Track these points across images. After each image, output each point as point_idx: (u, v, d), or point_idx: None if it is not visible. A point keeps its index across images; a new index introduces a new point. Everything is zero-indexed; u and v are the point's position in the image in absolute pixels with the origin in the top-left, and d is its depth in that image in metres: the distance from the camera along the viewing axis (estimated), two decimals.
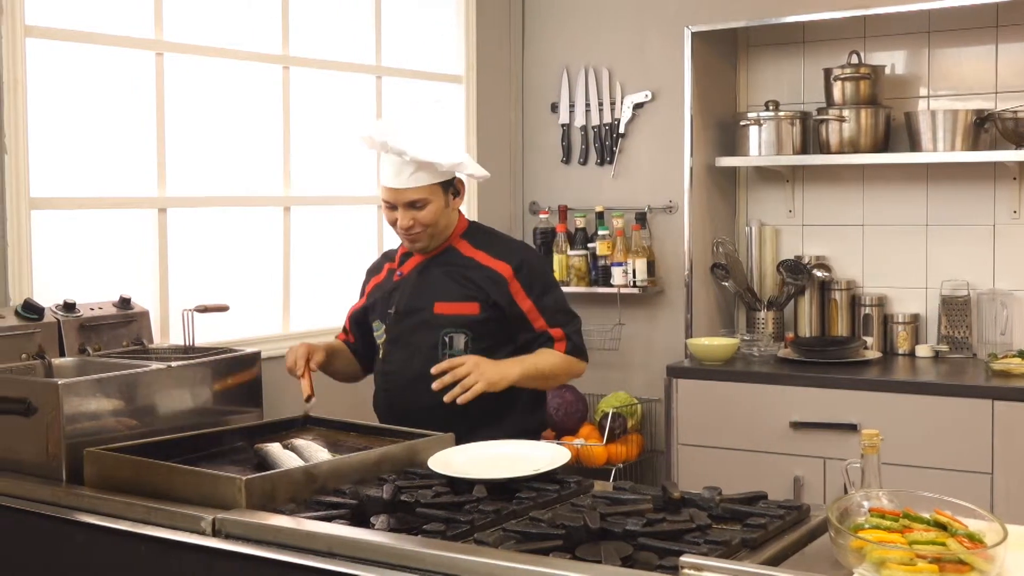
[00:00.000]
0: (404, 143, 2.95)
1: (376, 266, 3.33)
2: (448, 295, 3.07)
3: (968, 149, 4.17)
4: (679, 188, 4.62)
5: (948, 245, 4.44)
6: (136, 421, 2.72)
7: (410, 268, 3.16)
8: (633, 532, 2.00)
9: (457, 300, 3.06)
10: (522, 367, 3.00)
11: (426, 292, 3.09)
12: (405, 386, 3.06)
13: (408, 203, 3.01)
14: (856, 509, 2.01)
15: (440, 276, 3.10)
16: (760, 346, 4.45)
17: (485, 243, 3.14)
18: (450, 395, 2.87)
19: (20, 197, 3.24)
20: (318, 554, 2.05)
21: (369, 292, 3.27)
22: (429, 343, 3.06)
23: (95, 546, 2.38)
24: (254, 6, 3.99)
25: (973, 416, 3.77)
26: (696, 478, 3.94)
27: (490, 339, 3.05)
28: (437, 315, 3.06)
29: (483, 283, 3.06)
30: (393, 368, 3.11)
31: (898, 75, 4.52)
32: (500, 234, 3.29)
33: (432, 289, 3.09)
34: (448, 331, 3.05)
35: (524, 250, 3.22)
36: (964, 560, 1.79)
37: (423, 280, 3.12)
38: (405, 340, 3.10)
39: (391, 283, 3.18)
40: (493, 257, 3.09)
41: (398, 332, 3.11)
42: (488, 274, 3.07)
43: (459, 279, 3.08)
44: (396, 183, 3.00)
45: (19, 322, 3.06)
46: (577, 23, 4.95)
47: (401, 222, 3.03)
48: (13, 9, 3.20)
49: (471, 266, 3.09)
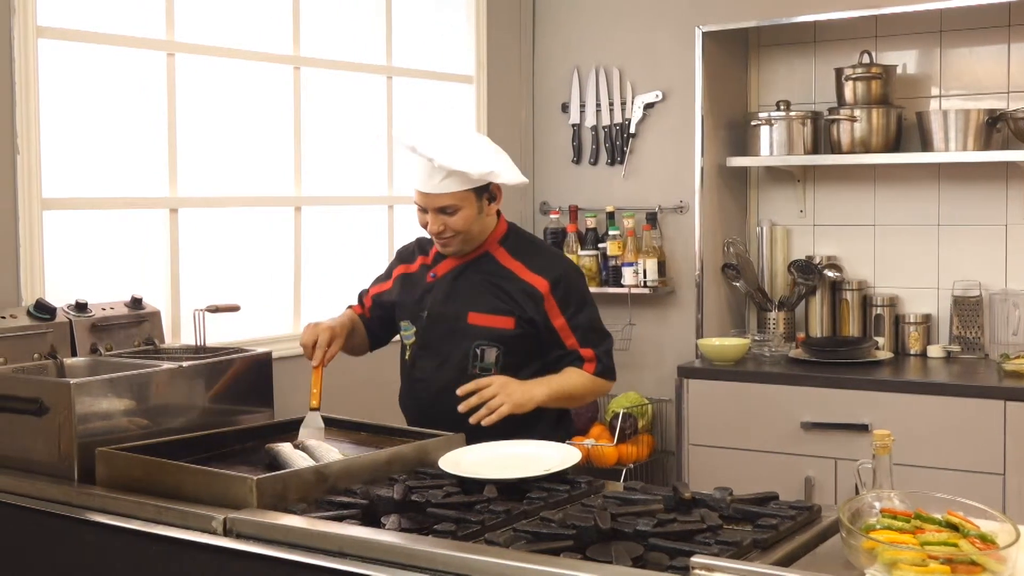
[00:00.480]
0: (433, 149, 2.87)
1: (408, 253, 3.22)
2: (483, 305, 2.99)
3: (980, 149, 4.16)
4: (690, 188, 4.62)
5: (960, 245, 4.43)
6: (147, 421, 2.72)
7: (445, 270, 3.06)
8: (644, 532, 2.00)
9: (492, 312, 2.98)
10: (549, 388, 2.95)
11: (460, 299, 3.01)
12: (435, 395, 3.00)
13: (439, 208, 2.91)
14: (868, 510, 2.00)
15: (476, 284, 3.01)
16: (771, 346, 4.44)
17: (524, 253, 3.04)
18: (475, 417, 2.83)
19: (32, 197, 3.25)
20: (329, 554, 2.05)
21: (397, 278, 3.18)
22: (460, 353, 2.99)
23: (106, 546, 2.39)
24: (265, 7, 4.00)
25: (985, 417, 3.76)
26: (707, 478, 3.94)
27: (521, 355, 2.99)
28: (470, 325, 2.98)
29: (519, 297, 2.97)
30: (423, 376, 3.04)
31: (910, 75, 4.51)
32: (539, 243, 3.20)
33: (467, 297, 3.01)
34: (480, 343, 2.98)
35: (563, 264, 3.10)
36: (976, 561, 1.79)
37: (458, 286, 3.03)
38: (436, 347, 3.03)
39: (424, 282, 3.09)
40: (531, 271, 3.00)
41: (429, 338, 3.04)
42: (525, 288, 2.98)
43: (495, 290, 2.99)
44: (427, 187, 2.91)
45: (31, 322, 3.07)
46: (588, 23, 4.95)
47: (431, 227, 2.95)
48: (25, 10, 3.21)
49: (508, 277, 3.00)
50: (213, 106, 3.84)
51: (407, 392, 3.12)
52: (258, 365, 3.05)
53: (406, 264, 3.19)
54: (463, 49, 4.81)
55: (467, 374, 2.96)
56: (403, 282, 3.16)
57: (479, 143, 3.02)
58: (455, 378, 2.94)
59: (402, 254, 3.24)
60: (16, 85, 3.21)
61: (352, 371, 3.53)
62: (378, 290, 3.23)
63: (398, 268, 3.20)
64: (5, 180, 3.21)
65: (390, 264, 3.26)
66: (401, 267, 3.19)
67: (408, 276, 3.15)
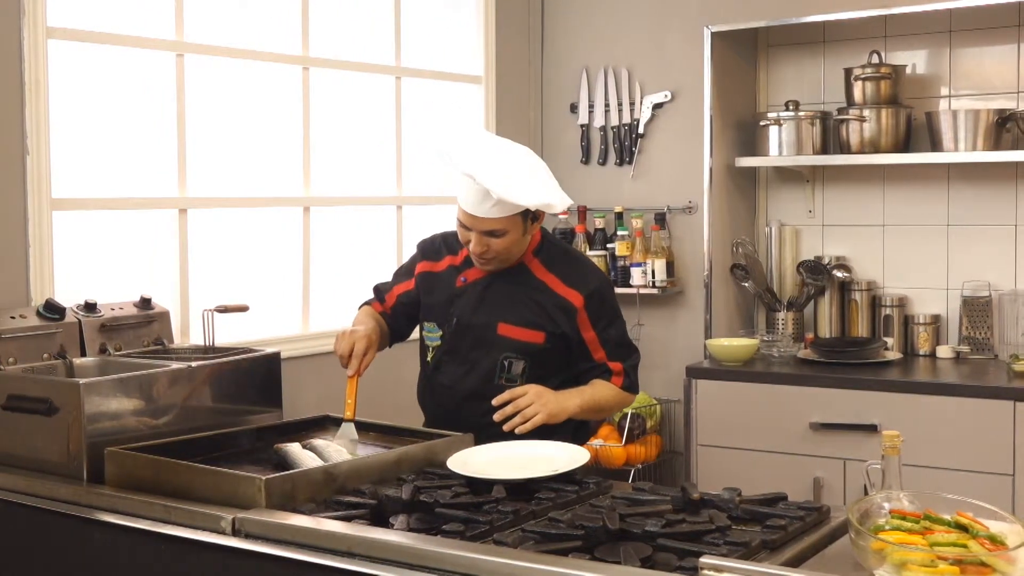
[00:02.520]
0: (491, 178, 2.77)
1: (433, 249, 3.13)
2: (514, 317, 2.95)
3: (990, 149, 4.15)
4: (699, 188, 4.62)
5: (969, 245, 4.42)
6: (156, 421, 2.73)
7: (476, 277, 3.00)
8: (652, 533, 2.00)
9: (523, 325, 2.94)
10: (581, 399, 2.93)
11: (492, 309, 2.96)
12: (459, 402, 2.98)
13: (486, 231, 2.85)
14: (877, 510, 2.00)
15: (509, 294, 2.97)
16: (780, 347, 4.43)
17: (558, 264, 2.99)
18: (509, 425, 2.82)
19: (42, 198, 3.26)
20: (337, 554, 2.05)
21: (419, 276, 3.10)
22: (487, 363, 2.96)
23: (115, 545, 2.39)
24: (274, 8, 4.01)
25: (994, 417, 3.75)
26: (715, 479, 3.94)
27: (548, 367, 2.97)
28: (500, 336, 2.94)
29: (553, 312, 2.94)
30: (447, 382, 3.01)
31: (919, 75, 4.50)
32: (572, 253, 3.15)
33: (499, 307, 2.96)
34: (508, 355, 2.95)
35: (597, 277, 3.06)
36: (985, 562, 1.78)
37: (490, 295, 2.98)
38: (463, 355, 2.99)
39: (453, 286, 3.02)
40: (566, 284, 2.96)
41: (456, 345, 2.99)
42: (559, 303, 2.94)
43: (528, 303, 2.95)
44: (477, 211, 2.82)
45: (40, 322, 3.07)
46: (596, 23, 4.95)
47: (475, 247, 2.88)
48: (35, 11, 3.22)
49: (542, 290, 2.96)
50: (222, 106, 3.85)
51: (428, 394, 3.09)
52: (267, 365, 3.05)
53: (430, 261, 3.11)
54: (472, 49, 4.81)
55: (492, 384, 2.94)
56: (427, 281, 3.09)
57: (532, 168, 2.90)
58: (480, 387, 2.94)
59: (425, 250, 3.15)
60: (26, 86, 3.21)
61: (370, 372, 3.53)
62: (401, 289, 3.15)
63: (421, 265, 3.12)
64: (15, 180, 3.21)
65: (411, 259, 3.19)
66: (424, 264, 3.12)
67: (433, 276, 3.09)
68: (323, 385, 3.77)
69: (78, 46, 3.42)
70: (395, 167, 4.49)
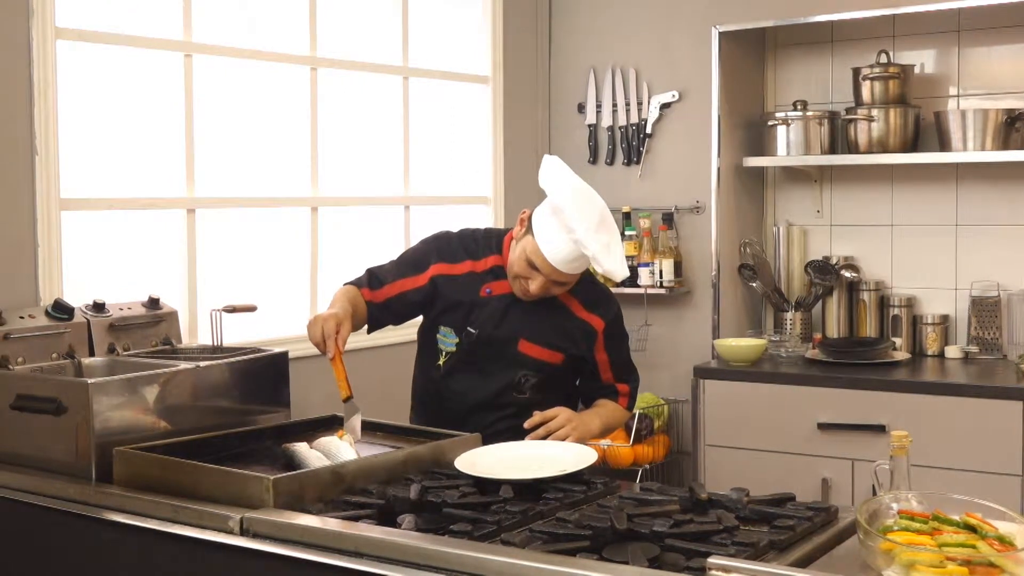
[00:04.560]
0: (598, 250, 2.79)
1: (449, 251, 3.04)
2: (536, 336, 2.95)
3: (998, 149, 4.14)
4: (706, 188, 4.61)
5: (978, 246, 4.41)
6: (165, 421, 2.73)
7: (502, 291, 2.98)
8: (660, 533, 2.00)
9: (544, 345, 2.96)
10: (602, 422, 3.01)
11: (514, 325, 2.96)
12: (468, 409, 2.98)
13: (557, 281, 2.89)
14: (885, 511, 2.00)
15: (532, 312, 2.96)
16: (788, 347, 4.43)
17: (580, 289, 3.00)
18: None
19: (50, 198, 3.27)
20: (345, 554, 2.05)
21: (433, 279, 3.01)
22: (503, 376, 2.97)
23: (123, 545, 2.40)
24: (282, 8, 4.01)
25: (1003, 418, 3.74)
26: (723, 479, 3.93)
27: (557, 385, 3.01)
28: (520, 353, 2.95)
29: (574, 334, 2.98)
30: (459, 389, 3.00)
31: (927, 74, 4.49)
32: (590, 278, 3.11)
33: (521, 324, 2.96)
34: (525, 373, 2.96)
35: (615, 303, 3.11)
36: (994, 563, 1.78)
37: (513, 311, 2.96)
38: (479, 366, 2.98)
39: (475, 295, 2.98)
40: (587, 310, 3.01)
41: (473, 354, 2.97)
42: (582, 326, 3.00)
43: (551, 324, 2.96)
44: (564, 268, 2.84)
45: (49, 322, 3.08)
46: (604, 23, 4.95)
47: (536, 289, 2.89)
48: (43, 11, 3.23)
49: (565, 313, 2.99)
50: (230, 107, 3.85)
51: (434, 396, 3.07)
52: (275, 365, 3.05)
53: (447, 263, 3.02)
54: (479, 49, 4.81)
55: (504, 397, 2.96)
56: (444, 285, 3.01)
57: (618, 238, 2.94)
58: (491, 398, 2.96)
59: (441, 249, 3.05)
60: (35, 86, 3.22)
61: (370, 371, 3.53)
62: (408, 286, 3.02)
63: (437, 266, 3.02)
64: (23, 181, 3.22)
65: (421, 253, 3.07)
66: (442, 266, 3.02)
67: (451, 280, 3.01)
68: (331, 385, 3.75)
69: (86, 46, 3.42)
70: (403, 167, 4.50)
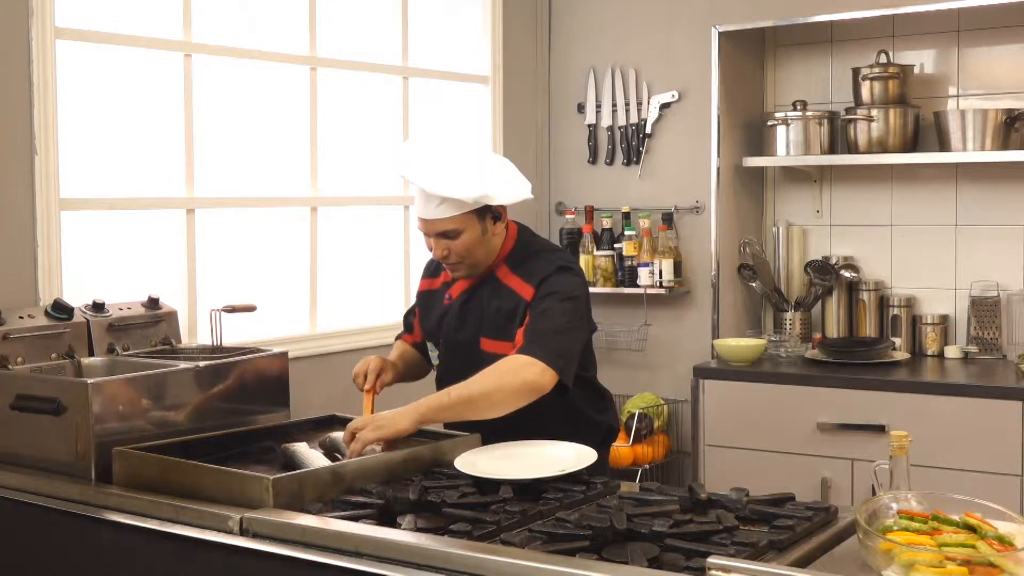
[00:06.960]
0: (422, 177, 2.73)
1: (433, 268, 3.08)
2: (492, 331, 2.87)
3: (998, 149, 4.14)
4: (706, 188, 4.61)
5: (978, 246, 4.41)
6: (164, 420, 2.73)
7: (457, 292, 2.95)
8: (660, 533, 2.00)
9: (499, 338, 2.83)
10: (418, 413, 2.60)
11: (471, 324, 2.90)
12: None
13: (440, 233, 2.79)
14: (885, 511, 2.00)
15: (484, 307, 2.89)
16: (787, 347, 4.43)
17: (522, 264, 2.87)
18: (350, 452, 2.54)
19: (50, 198, 3.27)
20: (345, 554, 2.05)
21: (420, 296, 3.10)
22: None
23: (123, 545, 2.40)
24: (282, 8, 4.01)
25: (1003, 418, 3.75)
26: (723, 479, 3.93)
27: None
28: (484, 352, 2.85)
29: (520, 315, 2.80)
30: None
31: (927, 74, 4.49)
32: (541, 251, 2.93)
33: (476, 322, 2.89)
34: None
35: (552, 267, 2.84)
36: (994, 563, 1.78)
37: (468, 310, 2.92)
38: (459, 373, 2.86)
39: (441, 304, 3.00)
40: (523, 280, 2.84)
41: (451, 363, 2.94)
42: (520, 302, 2.82)
43: (499, 313, 2.85)
44: (425, 213, 2.78)
45: (49, 322, 3.08)
46: (604, 23, 4.95)
47: (435, 252, 2.84)
48: (43, 11, 3.23)
49: (508, 297, 2.85)
50: (230, 107, 3.85)
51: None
52: (274, 365, 3.06)
53: (430, 280, 3.09)
54: (479, 49, 4.81)
55: None
56: (425, 301, 3.08)
57: (474, 162, 2.82)
58: None
59: (428, 268, 3.13)
60: (34, 86, 3.22)
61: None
62: (418, 315, 3.14)
63: (422, 284, 3.12)
64: (23, 181, 3.22)
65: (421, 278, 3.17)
66: (424, 283, 3.11)
67: (430, 295, 3.06)
68: (330, 385, 3.78)
69: (86, 46, 3.42)
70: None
